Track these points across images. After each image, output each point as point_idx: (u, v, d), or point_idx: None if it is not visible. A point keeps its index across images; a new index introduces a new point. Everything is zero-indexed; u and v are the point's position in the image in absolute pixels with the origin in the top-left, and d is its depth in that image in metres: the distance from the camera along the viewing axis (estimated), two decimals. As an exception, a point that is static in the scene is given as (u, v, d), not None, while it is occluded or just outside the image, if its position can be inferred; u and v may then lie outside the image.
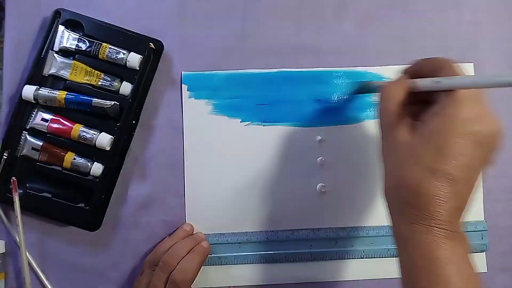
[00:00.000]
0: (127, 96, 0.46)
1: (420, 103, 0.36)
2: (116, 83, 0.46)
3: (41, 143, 0.46)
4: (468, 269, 0.32)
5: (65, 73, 0.46)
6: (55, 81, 0.46)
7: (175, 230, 0.47)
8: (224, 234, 0.48)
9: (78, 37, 0.46)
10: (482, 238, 0.48)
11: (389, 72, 0.49)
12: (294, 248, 0.47)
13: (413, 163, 0.32)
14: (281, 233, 0.48)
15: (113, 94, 0.46)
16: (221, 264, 0.47)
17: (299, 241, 0.47)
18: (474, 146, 0.32)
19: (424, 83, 0.35)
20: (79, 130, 0.45)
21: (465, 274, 0.31)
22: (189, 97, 0.48)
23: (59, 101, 0.45)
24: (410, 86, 0.36)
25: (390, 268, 0.48)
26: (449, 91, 0.33)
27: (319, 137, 0.48)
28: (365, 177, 0.48)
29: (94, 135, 0.45)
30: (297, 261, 0.47)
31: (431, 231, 0.31)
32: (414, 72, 0.37)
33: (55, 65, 0.46)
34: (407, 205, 0.33)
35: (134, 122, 0.47)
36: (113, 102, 0.45)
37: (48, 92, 0.45)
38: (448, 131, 0.32)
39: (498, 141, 0.33)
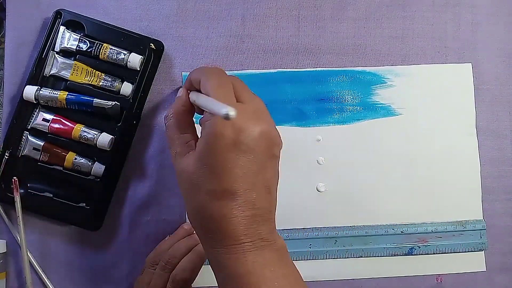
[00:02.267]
0: (128, 97, 0.46)
1: None
2: (117, 84, 0.46)
3: (42, 143, 0.46)
4: (279, 273, 0.31)
5: (66, 74, 0.46)
6: (56, 82, 0.47)
7: (175, 230, 0.47)
8: (224, 233, 0.48)
9: (79, 37, 0.46)
10: (481, 237, 0.48)
11: (389, 72, 0.49)
12: (293, 247, 0.48)
13: (195, 190, 0.32)
14: (281, 232, 0.48)
15: (114, 94, 0.46)
16: (222, 263, 0.48)
17: (299, 240, 0.48)
18: (241, 155, 0.31)
19: (191, 97, 0.35)
20: (80, 130, 0.46)
21: (275, 280, 0.31)
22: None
23: (60, 101, 0.45)
24: (185, 99, 0.36)
25: (389, 267, 0.48)
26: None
27: (319, 137, 0.49)
28: (364, 177, 0.49)
29: (95, 135, 0.45)
30: (296, 260, 0.48)
31: (230, 250, 0.31)
32: (190, 83, 0.36)
33: (56, 66, 0.46)
34: (204, 231, 0.33)
35: (134, 122, 0.47)
36: (114, 103, 0.45)
37: (49, 92, 0.45)
38: (212, 150, 0.31)
39: (268, 138, 0.33)
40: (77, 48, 0.46)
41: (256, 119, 0.33)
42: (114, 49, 0.46)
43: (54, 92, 0.45)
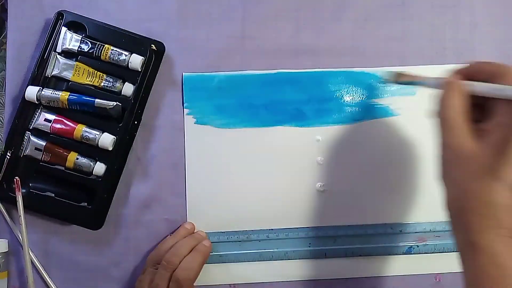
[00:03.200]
0: (129, 97, 0.47)
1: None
2: (118, 84, 0.47)
3: (44, 143, 0.46)
4: None
5: (68, 74, 0.46)
6: (58, 82, 0.47)
7: (176, 229, 0.48)
8: (224, 232, 0.48)
9: (80, 38, 0.47)
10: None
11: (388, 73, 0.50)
12: (293, 246, 0.48)
13: (483, 173, 0.33)
14: (281, 231, 0.48)
15: (115, 95, 0.47)
16: (222, 262, 0.48)
17: (299, 239, 0.48)
18: None
19: (483, 89, 0.35)
20: (81, 130, 0.46)
21: None
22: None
23: (62, 101, 0.46)
24: (468, 91, 0.35)
25: (388, 266, 0.48)
26: None
27: (318, 137, 0.49)
28: (363, 176, 0.49)
29: (96, 135, 0.46)
30: (296, 259, 0.48)
31: (503, 240, 0.32)
32: (468, 74, 0.37)
33: (58, 66, 0.46)
34: (476, 215, 0.33)
35: (136, 122, 0.47)
36: (115, 103, 0.46)
37: (51, 93, 0.46)
38: None
39: None
40: (79, 49, 0.46)
41: None
42: (116, 50, 0.46)
43: (56, 92, 0.46)
